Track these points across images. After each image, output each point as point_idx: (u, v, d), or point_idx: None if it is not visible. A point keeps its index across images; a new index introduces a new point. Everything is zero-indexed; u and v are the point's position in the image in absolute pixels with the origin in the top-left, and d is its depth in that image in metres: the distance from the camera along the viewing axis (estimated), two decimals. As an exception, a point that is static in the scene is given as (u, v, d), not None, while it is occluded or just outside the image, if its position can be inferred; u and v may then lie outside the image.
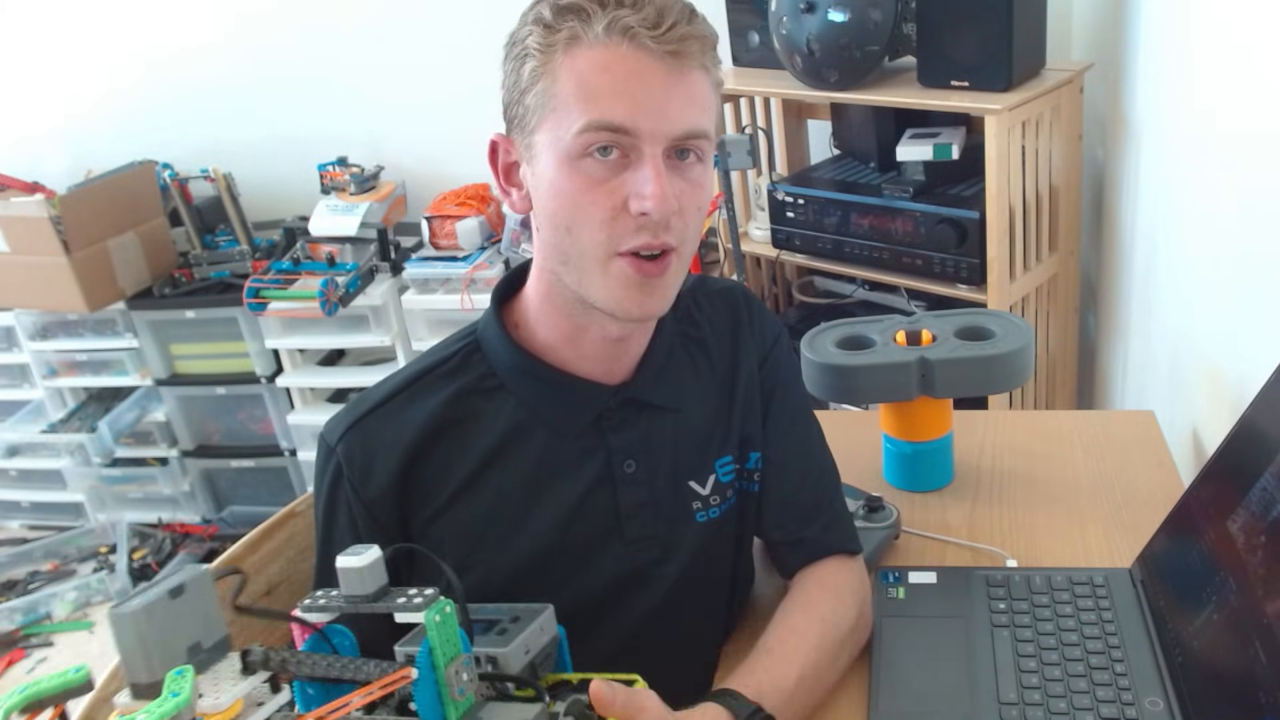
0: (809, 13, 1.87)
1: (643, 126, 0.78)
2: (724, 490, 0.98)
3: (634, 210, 0.79)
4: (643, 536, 0.94)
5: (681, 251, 0.84)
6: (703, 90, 0.81)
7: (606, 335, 0.89)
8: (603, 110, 0.77)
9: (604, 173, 0.79)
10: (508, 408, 0.91)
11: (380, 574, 0.69)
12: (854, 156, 2.21)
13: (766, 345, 1.01)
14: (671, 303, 0.87)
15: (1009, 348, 1.16)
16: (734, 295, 1.02)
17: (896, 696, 0.91)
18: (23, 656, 2.50)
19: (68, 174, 2.78)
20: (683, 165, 0.82)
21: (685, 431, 0.96)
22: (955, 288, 1.91)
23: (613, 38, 0.77)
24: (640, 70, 0.78)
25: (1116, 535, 1.12)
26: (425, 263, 2.48)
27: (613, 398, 0.92)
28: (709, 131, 0.82)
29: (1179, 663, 0.88)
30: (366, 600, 0.68)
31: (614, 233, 0.80)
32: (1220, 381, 1.23)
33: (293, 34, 2.72)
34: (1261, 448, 0.85)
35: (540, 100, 0.80)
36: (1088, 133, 1.98)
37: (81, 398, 2.90)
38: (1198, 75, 1.39)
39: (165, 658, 0.60)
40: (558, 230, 0.83)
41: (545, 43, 0.79)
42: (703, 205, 0.85)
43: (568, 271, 0.84)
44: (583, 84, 0.78)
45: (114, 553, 2.78)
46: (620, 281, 0.82)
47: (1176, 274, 1.49)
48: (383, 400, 0.91)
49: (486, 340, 0.93)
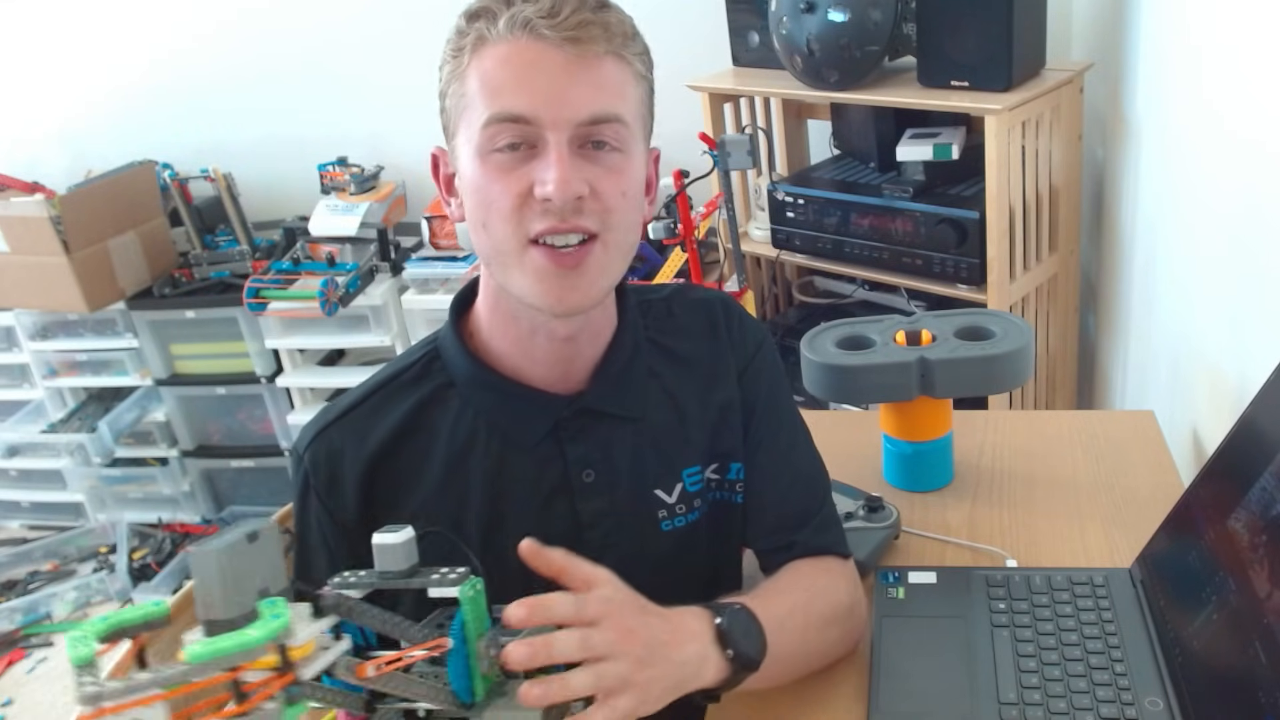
0: (809, 13, 1.87)
1: (543, 115, 0.78)
2: (691, 500, 0.97)
3: (538, 195, 0.79)
4: (606, 545, 0.93)
5: (607, 240, 0.82)
6: (612, 77, 0.81)
7: (553, 335, 0.89)
8: (504, 103, 0.79)
9: (512, 163, 0.80)
10: (466, 418, 0.91)
11: (413, 552, 0.72)
12: (854, 156, 2.21)
13: (747, 355, 0.99)
14: (599, 295, 0.86)
15: (1009, 348, 1.16)
16: (712, 305, 1.00)
17: (896, 696, 0.91)
18: (23, 656, 2.50)
19: (68, 174, 2.79)
20: (598, 154, 0.81)
21: (646, 440, 0.95)
22: (955, 288, 1.91)
23: (514, 33, 0.79)
24: (539, 60, 0.78)
25: (1116, 535, 1.12)
26: (425, 263, 2.48)
27: (567, 407, 0.92)
28: (621, 116, 0.81)
29: (1179, 663, 0.88)
30: (400, 576, 0.71)
31: (523, 219, 0.80)
32: (1220, 381, 1.23)
33: (293, 34, 2.72)
34: (1261, 447, 0.85)
35: (455, 103, 0.82)
36: (1088, 133, 1.98)
37: (81, 398, 2.90)
38: (1198, 75, 1.39)
39: (241, 597, 0.62)
40: (476, 228, 0.83)
41: (457, 47, 0.82)
42: (628, 191, 0.83)
43: (495, 269, 0.85)
44: (486, 80, 0.80)
45: (114, 553, 2.78)
46: (536, 274, 0.82)
47: (1176, 274, 1.49)
48: (347, 410, 0.92)
49: (445, 349, 0.93)
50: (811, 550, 0.98)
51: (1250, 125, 1.16)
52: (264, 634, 0.60)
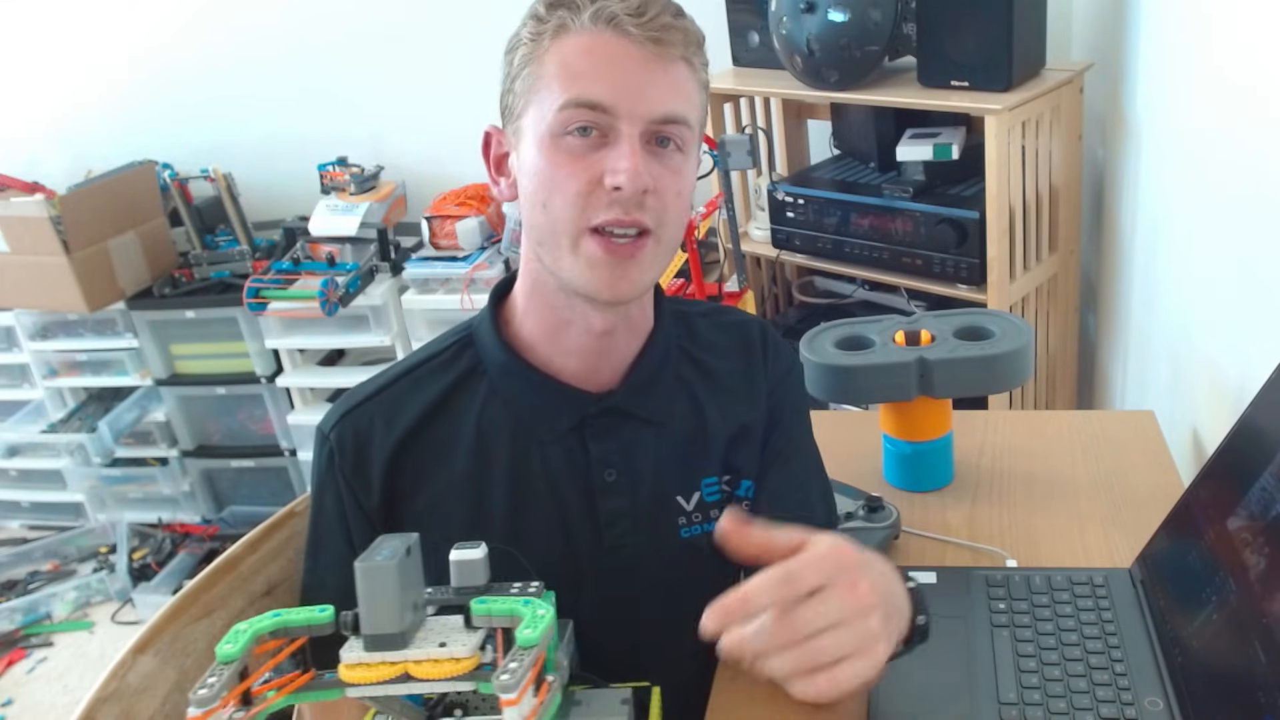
0: (809, 13, 1.87)
1: (620, 106, 0.80)
2: (709, 510, 0.97)
3: (608, 184, 0.80)
4: (622, 545, 0.93)
5: (660, 235, 0.84)
6: (685, 81, 0.83)
7: (590, 328, 0.89)
8: (583, 88, 0.80)
9: (582, 149, 0.81)
10: (494, 405, 0.92)
11: (488, 567, 0.73)
12: (854, 156, 2.21)
13: (777, 377, 1.01)
14: (646, 285, 0.88)
15: (1009, 348, 1.16)
16: (749, 328, 1.02)
17: (896, 696, 0.91)
18: (23, 656, 2.50)
19: (68, 174, 2.78)
20: (662, 152, 0.83)
21: (669, 445, 0.95)
22: (955, 288, 1.91)
23: (598, 25, 0.81)
24: (621, 54, 0.81)
25: (1116, 535, 1.12)
26: (425, 263, 2.48)
27: (595, 405, 0.92)
28: (689, 120, 0.84)
29: (1179, 663, 0.88)
30: (478, 591, 0.71)
31: (587, 206, 0.81)
32: (1220, 381, 1.23)
33: (293, 34, 2.72)
34: (1261, 447, 0.85)
35: (527, 85, 0.83)
36: (1088, 133, 1.98)
37: (81, 398, 2.90)
38: (1198, 75, 1.39)
39: (406, 611, 0.64)
40: (534, 208, 0.84)
41: (535, 32, 0.83)
42: (682, 192, 0.85)
43: (545, 251, 0.85)
44: (566, 66, 0.81)
45: (114, 553, 2.78)
46: (590, 260, 0.83)
47: (1176, 274, 1.49)
48: (377, 391, 0.92)
49: (479, 336, 0.94)
50: None
51: (1250, 125, 1.16)
52: (539, 629, 0.63)
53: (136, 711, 0.84)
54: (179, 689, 0.88)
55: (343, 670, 0.63)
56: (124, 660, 0.85)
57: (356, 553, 0.82)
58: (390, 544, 0.65)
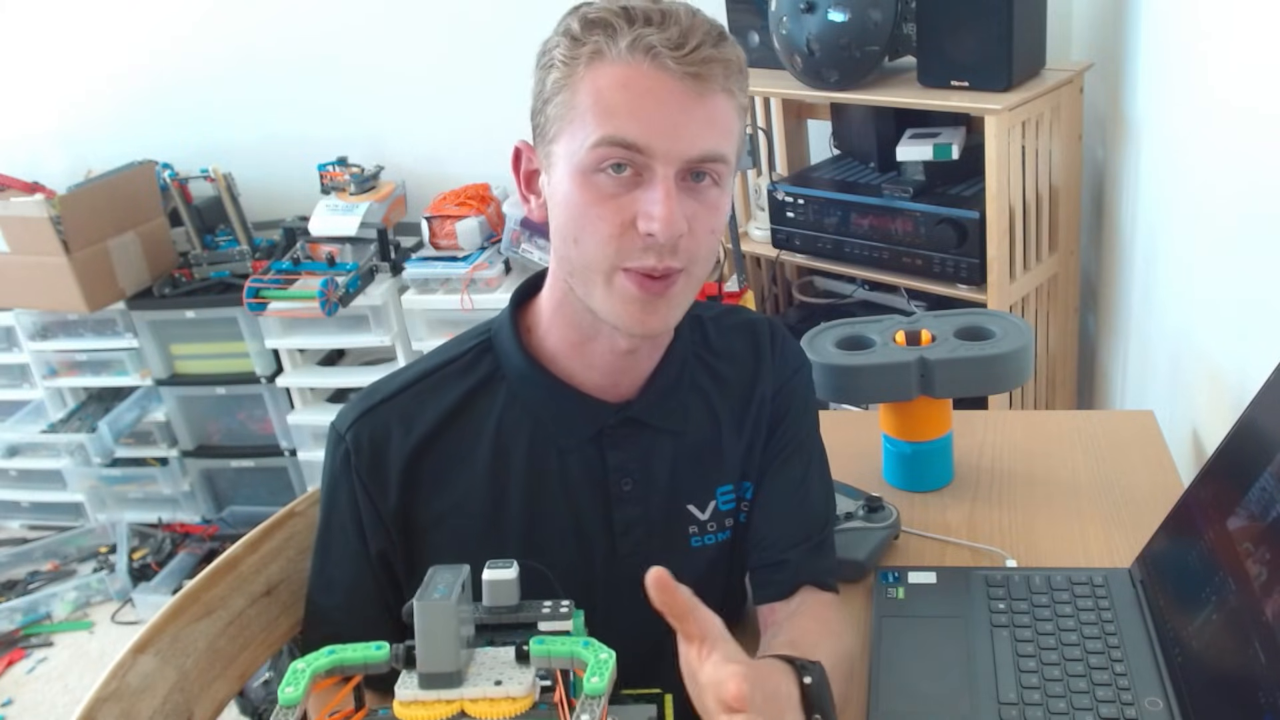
0: (809, 13, 1.87)
1: (656, 146, 0.77)
2: (723, 519, 0.97)
3: (641, 230, 0.78)
4: (633, 554, 0.93)
5: (691, 272, 0.83)
6: (724, 114, 0.80)
7: (615, 348, 0.89)
8: (617, 126, 0.77)
9: (615, 188, 0.79)
10: (512, 413, 0.91)
11: (519, 587, 0.72)
12: (854, 156, 2.21)
13: (785, 375, 1.00)
14: (676, 320, 0.86)
15: (1009, 348, 1.16)
16: (758, 328, 1.01)
17: (896, 696, 0.91)
18: (23, 656, 2.50)
19: (68, 174, 2.78)
20: (698, 188, 0.81)
21: (685, 454, 0.95)
22: (955, 288, 1.91)
23: (635, 56, 0.77)
24: (659, 89, 0.77)
25: (1116, 535, 1.12)
26: (425, 263, 2.48)
27: (614, 415, 0.92)
28: (727, 156, 0.81)
29: (1179, 663, 0.88)
30: (510, 611, 0.71)
31: (620, 248, 0.80)
32: (1220, 381, 1.23)
33: (293, 34, 2.72)
34: (1261, 447, 0.85)
35: (560, 111, 0.80)
36: (1088, 133, 1.98)
37: (81, 398, 2.90)
38: (1198, 75, 1.39)
39: (462, 647, 0.64)
40: (565, 241, 0.82)
41: (570, 55, 0.79)
42: (716, 228, 0.84)
43: (577, 283, 0.84)
44: (600, 99, 0.78)
45: (114, 553, 2.78)
46: (623, 296, 0.82)
47: (1176, 274, 1.49)
48: (395, 392, 0.91)
49: (499, 342, 0.93)
50: (802, 576, 0.96)
51: (1250, 124, 1.16)
52: (606, 670, 0.63)
53: (136, 711, 0.84)
54: (179, 689, 0.88)
55: (398, 708, 0.63)
56: (124, 660, 0.85)
57: (368, 552, 0.82)
58: (444, 577, 0.64)
